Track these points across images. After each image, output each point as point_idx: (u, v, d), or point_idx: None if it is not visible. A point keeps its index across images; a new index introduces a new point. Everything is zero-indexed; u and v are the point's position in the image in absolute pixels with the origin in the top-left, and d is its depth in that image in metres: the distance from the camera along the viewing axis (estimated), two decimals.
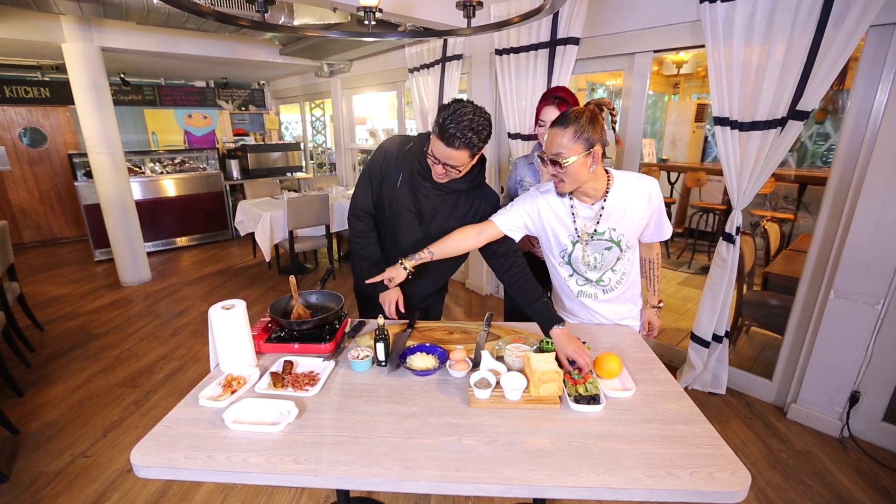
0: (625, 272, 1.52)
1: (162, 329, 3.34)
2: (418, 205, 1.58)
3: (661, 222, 1.48)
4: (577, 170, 1.28)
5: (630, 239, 1.46)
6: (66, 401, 2.44)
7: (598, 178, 1.36)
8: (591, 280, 1.53)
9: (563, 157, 1.26)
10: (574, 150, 1.25)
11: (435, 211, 1.58)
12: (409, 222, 1.61)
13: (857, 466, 1.96)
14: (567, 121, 1.26)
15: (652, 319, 1.65)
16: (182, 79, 6.57)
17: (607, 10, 2.61)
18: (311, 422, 1.12)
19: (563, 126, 1.26)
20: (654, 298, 1.64)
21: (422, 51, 3.88)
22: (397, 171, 1.55)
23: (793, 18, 1.90)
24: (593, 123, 1.26)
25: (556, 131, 1.27)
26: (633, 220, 1.42)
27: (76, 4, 2.66)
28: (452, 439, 1.06)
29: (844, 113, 2.00)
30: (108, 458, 2.02)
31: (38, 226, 5.79)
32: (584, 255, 1.48)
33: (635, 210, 1.41)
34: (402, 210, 1.59)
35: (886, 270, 1.89)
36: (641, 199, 1.40)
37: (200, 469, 0.97)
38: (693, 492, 0.91)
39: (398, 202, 1.59)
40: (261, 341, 1.45)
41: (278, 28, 1.82)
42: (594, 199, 1.40)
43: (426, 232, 1.61)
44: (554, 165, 1.29)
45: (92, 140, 3.83)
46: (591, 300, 1.58)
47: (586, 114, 1.27)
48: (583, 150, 1.26)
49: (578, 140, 1.25)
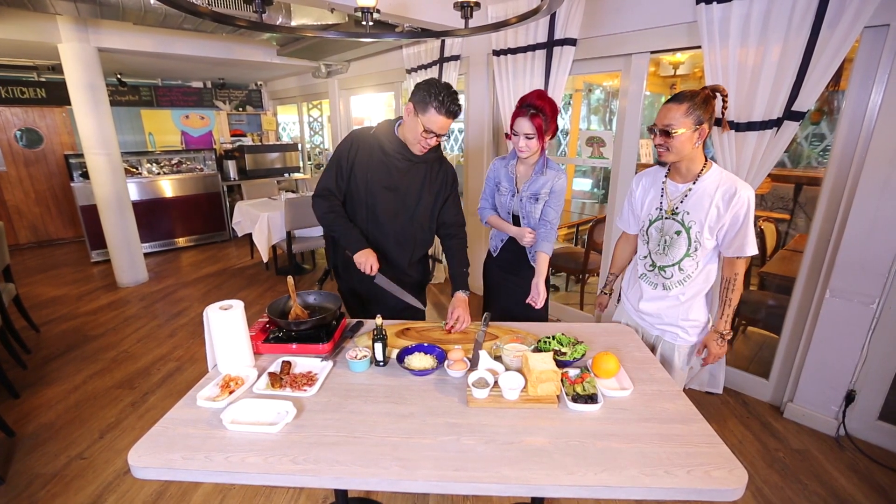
0: (690, 276, 1.52)
1: (159, 330, 3.33)
2: (392, 179, 1.71)
3: (742, 233, 1.41)
4: (684, 142, 1.38)
5: (701, 231, 1.45)
6: (62, 402, 2.43)
7: (695, 159, 1.44)
8: (656, 266, 1.58)
9: (673, 128, 1.37)
10: (684, 124, 1.36)
11: (409, 184, 1.73)
12: (386, 200, 1.73)
13: (853, 465, 1.97)
14: (683, 98, 1.38)
15: (710, 344, 1.54)
16: (179, 79, 6.55)
17: (604, 11, 2.62)
18: (310, 422, 1.12)
19: (678, 102, 1.38)
20: (721, 324, 1.51)
21: (419, 52, 3.88)
22: (369, 153, 1.69)
23: (788, 19, 1.91)
24: (706, 105, 1.36)
25: (672, 105, 1.38)
26: (709, 213, 1.42)
27: (72, 5, 2.65)
28: (451, 439, 1.06)
29: (840, 113, 2.01)
30: (104, 459, 2.01)
31: (34, 227, 5.76)
32: (660, 234, 1.55)
33: (715, 204, 1.41)
34: (379, 188, 1.71)
35: (882, 270, 1.90)
36: (725, 197, 1.40)
37: (198, 469, 0.96)
38: (690, 490, 0.92)
39: (374, 181, 1.70)
40: (259, 342, 1.45)
41: (276, 28, 1.82)
42: (685, 180, 1.49)
43: (404, 204, 1.75)
44: (662, 136, 1.40)
45: (88, 140, 3.81)
46: (649, 289, 1.62)
47: (701, 95, 1.37)
48: (692, 125, 1.36)
49: (689, 115, 1.36)
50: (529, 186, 1.89)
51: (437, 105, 1.50)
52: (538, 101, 1.73)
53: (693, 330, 1.58)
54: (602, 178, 6.47)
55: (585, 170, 6.98)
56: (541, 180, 1.87)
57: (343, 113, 5.55)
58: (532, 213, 1.92)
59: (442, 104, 1.49)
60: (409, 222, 1.79)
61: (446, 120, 1.53)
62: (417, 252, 1.89)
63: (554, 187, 1.86)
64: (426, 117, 1.52)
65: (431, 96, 1.49)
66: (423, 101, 1.52)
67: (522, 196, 1.92)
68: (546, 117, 1.73)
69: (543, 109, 1.72)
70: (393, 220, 1.75)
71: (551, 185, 1.86)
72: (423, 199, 1.76)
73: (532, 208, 1.91)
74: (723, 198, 1.40)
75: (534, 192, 1.88)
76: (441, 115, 1.51)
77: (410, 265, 1.89)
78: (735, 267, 1.48)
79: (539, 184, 1.88)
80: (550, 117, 1.75)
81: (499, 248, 2.05)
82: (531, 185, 1.89)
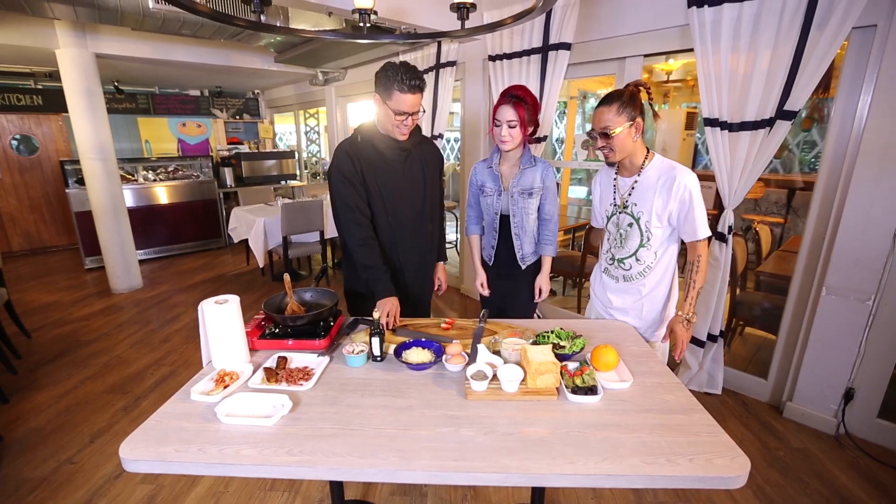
0: (650, 266, 1.56)
1: (152, 335, 3.29)
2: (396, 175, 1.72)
3: (690, 218, 1.45)
4: (623, 139, 1.46)
5: (649, 221, 1.51)
6: (52, 407, 2.39)
7: (637, 153, 1.52)
8: (615, 258, 1.65)
9: (610, 128, 1.45)
10: (619, 123, 1.44)
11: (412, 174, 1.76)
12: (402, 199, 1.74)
13: (854, 463, 1.96)
14: (611, 99, 1.46)
15: (676, 327, 1.53)
16: (176, 87, 6.58)
17: (598, 16, 2.66)
18: (306, 415, 1.10)
19: (608, 104, 1.46)
20: (686, 306, 1.52)
21: (416, 58, 3.92)
22: (368, 160, 1.67)
23: (778, 21, 1.95)
24: (634, 101, 1.45)
25: (603, 109, 1.46)
26: (654, 202, 1.48)
27: (71, 9, 2.67)
28: (449, 430, 1.04)
29: (831, 112, 2.03)
30: (95, 463, 1.97)
31: (28, 234, 5.72)
32: (617, 228, 1.61)
33: (659, 193, 1.47)
34: (390, 189, 1.71)
35: (876, 266, 1.91)
36: (666, 184, 1.46)
37: (191, 462, 0.94)
38: (692, 478, 0.91)
39: (384, 184, 1.70)
40: (254, 338, 1.43)
41: (274, 29, 1.83)
42: (631, 174, 1.56)
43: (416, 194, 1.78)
44: (603, 138, 1.48)
45: (84, 145, 3.81)
46: (612, 282, 1.68)
47: (627, 93, 1.46)
48: (626, 122, 1.44)
49: (622, 113, 1.44)
50: (519, 181, 1.87)
51: (399, 85, 1.51)
52: (520, 91, 1.77)
53: (657, 324, 1.63)
54: None
55: (581, 177, 7.04)
56: (530, 173, 1.86)
57: (340, 121, 5.58)
58: (526, 209, 1.90)
59: (403, 82, 1.50)
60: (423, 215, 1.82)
61: (413, 96, 1.54)
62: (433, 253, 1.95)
63: (546, 180, 1.87)
64: (393, 101, 1.54)
65: (391, 80, 1.51)
66: (385, 88, 1.53)
67: (513, 192, 1.89)
68: (528, 106, 1.76)
69: (525, 99, 1.76)
70: (412, 218, 1.78)
71: (542, 178, 1.86)
72: (428, 181, 1.81)
73: (525, 204, 1.88)
74: (664, 185, 1.47)
75: (525, 187, 1.86)
76: (406, 93, 1.52)
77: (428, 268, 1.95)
78: (696, 250, 1.51)
79: (529, 177, 1.86)
80: (532, 108, 1.79)
81: (492, 256, 2.01)
82: (521, 179, 1.86)
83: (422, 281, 1.92)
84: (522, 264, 1.96)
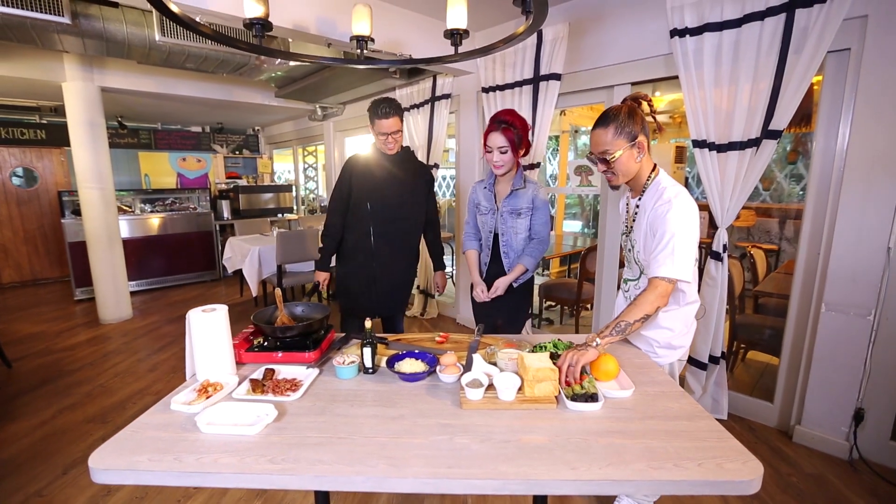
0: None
1: (139, 365, 3.18)
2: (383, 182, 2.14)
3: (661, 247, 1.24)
4: (626, 162, 1.33)
5: (641, 252, 1.38)
6: (26, 438, 2.26)
7: (641, 174, 1.37)
8: (625, 279, 1.57)
9: (609, 153, 1.32)
10: (618, 145, 1.30)
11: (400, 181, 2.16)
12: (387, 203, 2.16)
13: (872, 489, 1.86)
14: (607, 119, 1.31)
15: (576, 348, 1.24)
16: (178, 124, 6.74)
17: (586, 47, 2.79)
18: (292, 424, 1.04)
19: (604, 126, 1.32)
20: (601, 333, 1.26)
21: (412, 92, 4.06)
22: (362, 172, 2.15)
23: (756, 48, 2.04)
24: (632, 116, 1.31)
25: (599, 131, 1.32)
26: (645, 231, 1.34)
27: (80, 41, 2.77)
28: (443, 438, 0.98)
29: (816, 132, 2.09)
30: (65, 496, 1.83)
31: (19, 266, 5.65)
32: (623, 250, 1.56)
33: (648, 221, 1.33)
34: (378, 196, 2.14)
35: (873, 280, 1.90)
36: (652, 205, 1.31)
37: (165, 471, 0.88)
38: (703, 482, 0.85)
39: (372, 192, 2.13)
40: (242, 350, 1.38)
41: (275, 53, 1.89)
42: (636, 194, 1.43)
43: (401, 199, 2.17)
44: (603, 163, 1.35)
45: (83, 174, 3.84)
46: (623, 303, 1.57)
47: (624, 109, 1.32)
48: (627, 143, 1.30)
49: (620, 135, 1.30)
50: (509, 201, 1.91)
51: (376, 113, 2.00)
52: (508, 117, 1.82)
53: (662, 351, 1.43)
54: (592, 216, 6.60)
55: (576, 212, 7.12)
56: (520, 194, 1.89)
57: (337, 156, 5.70)
58: (514, 228, 1.92)
59: (378, 110, 1.99)
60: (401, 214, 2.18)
61: (388, 119, 1.99)
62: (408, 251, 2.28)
63: (536, 201, 1.89)
64: (375, 127, 2.04)
65: (373, 110, 2.02)
66: (370, 118, 2.05)
67: (503, 212, 1.93)
68: (517, 130, 1.80)
69: (514, 123, 1.80)
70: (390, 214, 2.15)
71: (532, 198, 1.88)
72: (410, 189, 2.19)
73: (514, 223, 1.91)
74: (652, 206, 1.30)
75: (514, 208, 1.90)
76: (381, 118, 2.00)
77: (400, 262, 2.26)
78: (651, 285, 1.26)
79: (519, 198, 1.89)
80: (522, 131, 1.82)
81: (485, 272, 2.07)
82: (511, 199, 1.91)
83: (391, 271, 2.22)
84: (514, 283, 1.96)
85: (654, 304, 1.26)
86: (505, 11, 3.02)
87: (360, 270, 2.21)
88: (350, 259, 2.24)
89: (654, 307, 1.26)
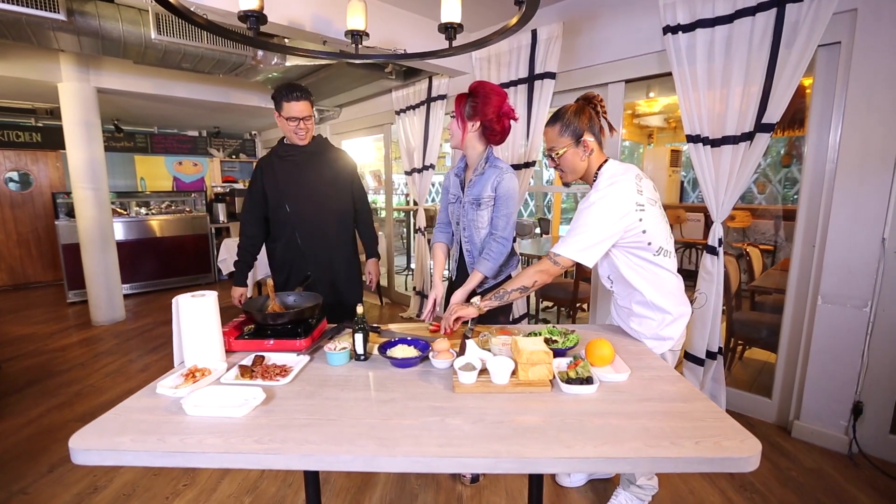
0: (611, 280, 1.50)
1: (130, 366, 3.13)
2: (297, 180, 1.94)
3: (567, 231, 1.30)
4: (571, 159, 1.37)
5: None
6: (12, 437, 2.21)
7: (590, 172, 1.39)
8: None
9: (555, 150, 1.37)
10: (563, 143, 1.35)
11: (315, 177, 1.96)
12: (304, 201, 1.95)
13: (871, 482, 1.83)
14: (555, 118, 1.37)
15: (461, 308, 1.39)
16: (175, 127, 6.73)
17: (580, 46, 2.80)
18: (280, 407, 1.02)
19: (551, 124, 1.37)
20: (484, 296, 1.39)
21: (408, 93, 4.08)
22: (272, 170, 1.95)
23: (748, 43, 2.05)
24: (579, 115, 1.34)
25: (547, 129, 1.39)
26: None
27: (76, 39, 2.77)
28: (435, 420, 0.96)
29: (808, 127, 2.10)
30: (50, 493, 1.79)
31: (12, 269, 5.60)
32: None
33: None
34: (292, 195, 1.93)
35: (869, 271, 1.90)
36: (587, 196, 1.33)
37: (147, 451, 0.85)
38: (700, 459, 0.83)
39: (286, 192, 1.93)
40: (231, 338, 1.36)
41: (270, 46, 1.89)
42: None
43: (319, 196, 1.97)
44: (550, 160, 1.41)
45: (77, 174, 3.82)
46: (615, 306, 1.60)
47: (571, 109, 1.36)
48: (571, 141, 1.34)
49: (565, 133, 1.34)
50: (471, 189, 1.65)
51: (284, 98, 1.81)
52: (472, 84, 1.61)
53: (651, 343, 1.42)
54: None
55: (570, 217, 7.14)
56: (481, 181, 1.62)
57: None
58: (475, 221, 1.66)
59: (286, 95, 1.80)
60: (326, 207, 1.99)
61: (298, 103, 1.81)
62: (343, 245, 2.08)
63: (498, 189, 1.59)
64: (284, 111, 1.83)
65: (280, 95, 1.82)
66: (277, 103, 1.84)
67: (465, 202, 1.68)
68: (473, 100, 1.58)
69: (474, 92, 1.59)
70: (313, 209, 1.96)
71: (495, 186, 1.59)
72: (330, 179, 1.99)
73: (474, 216, 1.65)
74: (583, 202, 1.33)
75: (475, 196, 1.63)
76: (291, 101, 1.81)
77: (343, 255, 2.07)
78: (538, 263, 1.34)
79: (479, 185, 1.62)
80: (481, 100, 1.58)
81: (455, 269, 1.86)
82: (472, 187, 1.65)
83: (330, 263, 2.03)
84: (479, 287, 1.65)
85: (532, 277, 1.35)
86: (499, 12, 3.04)
87: (297, 279, 1.98)
88: (283, 270, 2.02)
89: (531, 280, 1.35)
